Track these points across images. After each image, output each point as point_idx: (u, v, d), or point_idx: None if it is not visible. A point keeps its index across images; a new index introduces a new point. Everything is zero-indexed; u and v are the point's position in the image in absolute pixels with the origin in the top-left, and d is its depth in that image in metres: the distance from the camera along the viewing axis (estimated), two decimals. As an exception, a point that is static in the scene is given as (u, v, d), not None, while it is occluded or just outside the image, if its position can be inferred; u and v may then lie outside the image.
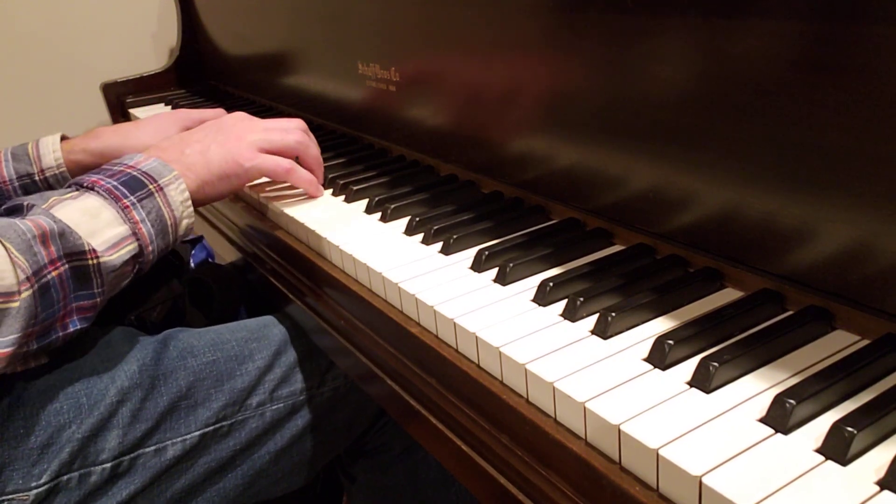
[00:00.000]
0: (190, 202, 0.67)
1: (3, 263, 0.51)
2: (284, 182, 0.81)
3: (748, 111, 0.48)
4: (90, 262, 0.58)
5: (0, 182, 0.83)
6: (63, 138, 0.86)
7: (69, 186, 0.63)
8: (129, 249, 0.61)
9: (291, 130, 0.77)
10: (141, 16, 1.56)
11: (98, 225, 0.59)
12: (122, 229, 0.60)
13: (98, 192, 0.61)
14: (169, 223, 0.65)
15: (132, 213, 0.61)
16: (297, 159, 0.77)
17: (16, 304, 0.52)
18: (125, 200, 0.61)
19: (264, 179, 0.82)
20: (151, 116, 0.92)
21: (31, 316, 0.53)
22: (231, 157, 0.71)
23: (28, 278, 0.53)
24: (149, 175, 0.64)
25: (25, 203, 0.58)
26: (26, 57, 1.46)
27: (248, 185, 0.84)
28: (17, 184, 0.83)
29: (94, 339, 0.67)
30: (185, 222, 0.67)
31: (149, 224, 0.62)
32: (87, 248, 0.57)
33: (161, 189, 0.64)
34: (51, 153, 0.84)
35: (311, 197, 0.79)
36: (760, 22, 0.46)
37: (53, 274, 0.55)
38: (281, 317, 0.78)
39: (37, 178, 0.84)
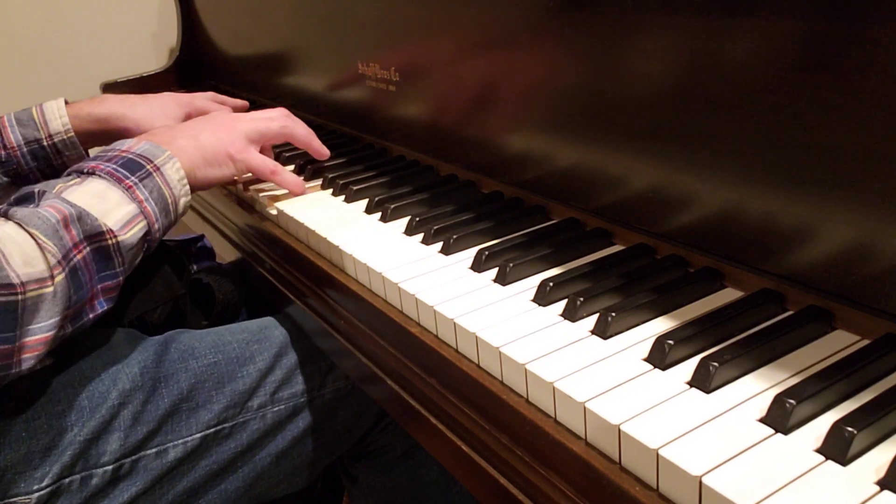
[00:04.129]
0: (186, 181, 0.68)
1: (32, 251, 0.53)
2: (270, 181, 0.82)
3: (748, 111, 0.48)
4: (109, 241, 0.59)
5: (9, 148, 0.84)
6: (66, 103, 0.87)
7: (69, 174, 0.64)
8: (140, 227, 0.62)
9: (276, 118, 0.80)
10: (141, 16, 1.56)
11: (108, 206, 0.60)
12: (131, 208, 0.62)
13: (100, 176, 0.62)
14: (170, 201, 0.66)
15: (136, 193, 0.63)
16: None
17: (50, 289, 0.53)
18: (128, 181, 0.63)
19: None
20: (157, 94, 0.93)
21: (67, 298, 0.55)
22: (222, 144, 0.73)
23: (59, 262, 0.54)
24: (144, 157, 0.65)
25: (37, 190, 0.59)
26: (26, 57, 1.46)
27: (242, 182, 0.84)
28: (24, 149, 0.84)
29: (96, 341, 0.67)
30: (182, 200, 0.68)
31: (152, 202, 0.64)
32: (104, 229, 0.59)
33: (158, 169, 0.65)
34: (58, 118, 0.85)
35: (295, 195, 0.80)
36: (761, 22, 0.46)
37: (78, 257, 0.57)
38: (282, 318, 0.78)
39: (45, 143, 0.85)
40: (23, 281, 0.51)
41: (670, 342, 0.45)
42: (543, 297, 0.53)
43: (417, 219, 0.68)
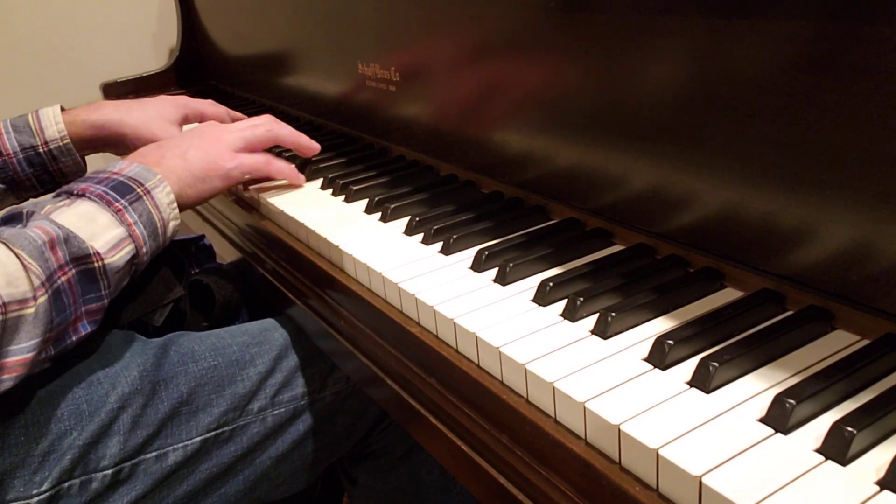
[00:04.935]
0: (175, 204, 0.68)
1: (16, 271, 0.52)
2: (269, 179, 0.83)
3: (748, 111, 0.48)
4: (96, 264, 0.59)
5: (4, 154, 0.84)
6: (62, 109, 0.87)
7: (58, 195, 0.64)
8: (128, 250, 0.62)
9: (259, 125, 0.80)
10: (141, 16, 1.56)
11: (96, 229, 0.60)
12: (119, 231, 0.62)
13: (90, 198, 0.62)
14: (158, 225, 0.66)
15: (125, 216, 0.63)
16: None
17: (31, 311, 0.53)
18: (117, 204, 0.62)
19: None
20: (153, 98, 0.93)
21: (49, 321, 0.54)
22: (211, 158, 0.73)
23: (42, 283, 0.54)
24: (135, 180, 0.65)
25: (25, 210, 0.59)
26: (26, 57, 1.46)
27: (242, 183, 0.84)
28: (21, 156, 0.84)
29: (95, 344, 0.67)
30: (171, 224, 0.68)
31: (141, 226, 0.64)
32: (91, 252, 0.59)
33: (148, 192, 0.65)
34: (53, 125, 0.85)
35: (293, 186, 0.81)
36: (760, 22, 0.46)
37: (63, 279, 0.56)
38: (282, 320, 0.78)
39: (41, 150, 0.84)
40: (4, 301, 0.51)
41: (670, 342, 0.45)
42: (543, 297, 0.53)
43: (417, 219, 0.68)
